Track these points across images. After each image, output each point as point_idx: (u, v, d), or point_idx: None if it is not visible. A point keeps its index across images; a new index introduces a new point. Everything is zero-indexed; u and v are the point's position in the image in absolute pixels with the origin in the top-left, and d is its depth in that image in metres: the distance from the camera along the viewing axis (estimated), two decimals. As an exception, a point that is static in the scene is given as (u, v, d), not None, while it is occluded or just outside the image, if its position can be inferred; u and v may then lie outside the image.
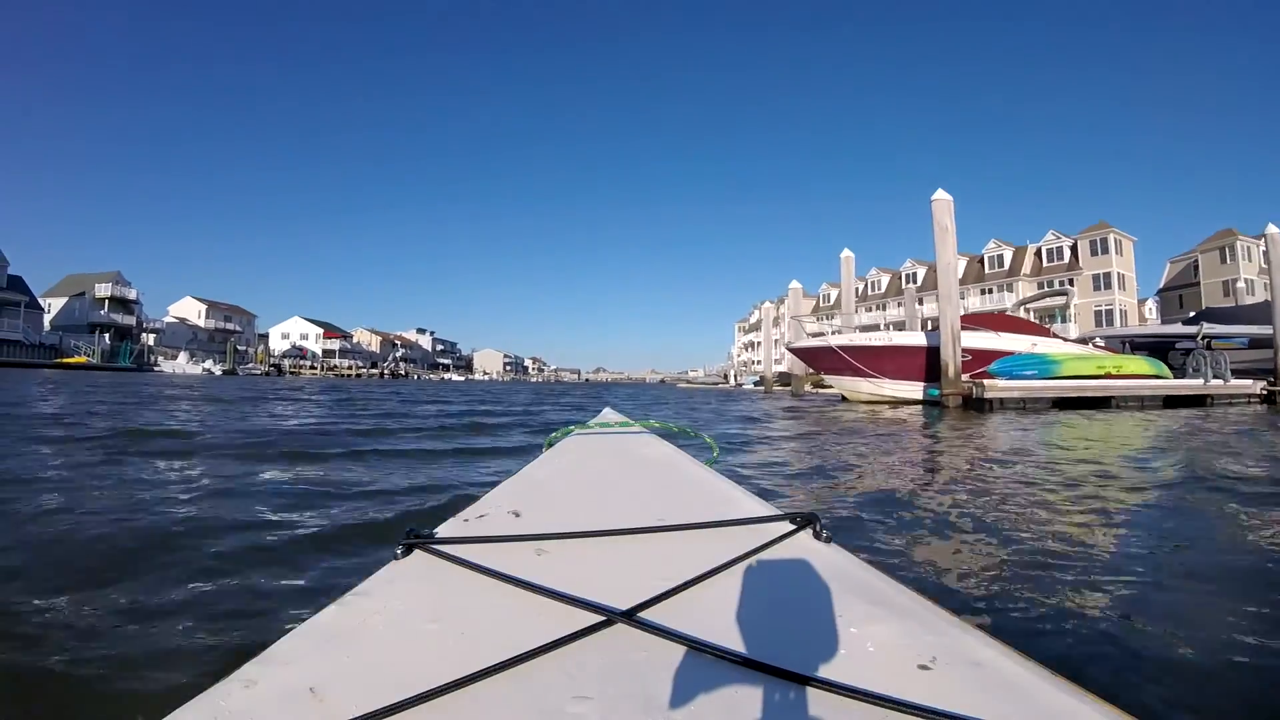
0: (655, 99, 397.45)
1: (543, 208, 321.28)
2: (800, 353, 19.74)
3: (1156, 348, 21.82)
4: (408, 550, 0.93)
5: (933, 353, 17.01)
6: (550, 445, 1.98)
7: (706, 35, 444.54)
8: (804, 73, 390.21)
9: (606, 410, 2.86)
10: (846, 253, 22.53)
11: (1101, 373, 17.06)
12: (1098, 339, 21.71)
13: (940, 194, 16.40)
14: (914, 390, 17.53)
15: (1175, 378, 18.36)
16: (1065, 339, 19.60)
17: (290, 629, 0.73)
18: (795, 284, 28.15)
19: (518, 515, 1.13)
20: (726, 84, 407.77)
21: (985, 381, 15.37)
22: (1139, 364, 18.23)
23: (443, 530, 1.03)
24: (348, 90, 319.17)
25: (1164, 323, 32.81)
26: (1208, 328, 22.09)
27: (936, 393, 15.77)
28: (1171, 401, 17.11)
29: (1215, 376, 18.21)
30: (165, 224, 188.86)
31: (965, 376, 15.82)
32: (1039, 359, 16.90)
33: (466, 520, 1.09)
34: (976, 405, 15.37)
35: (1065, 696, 0.60)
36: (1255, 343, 22.05)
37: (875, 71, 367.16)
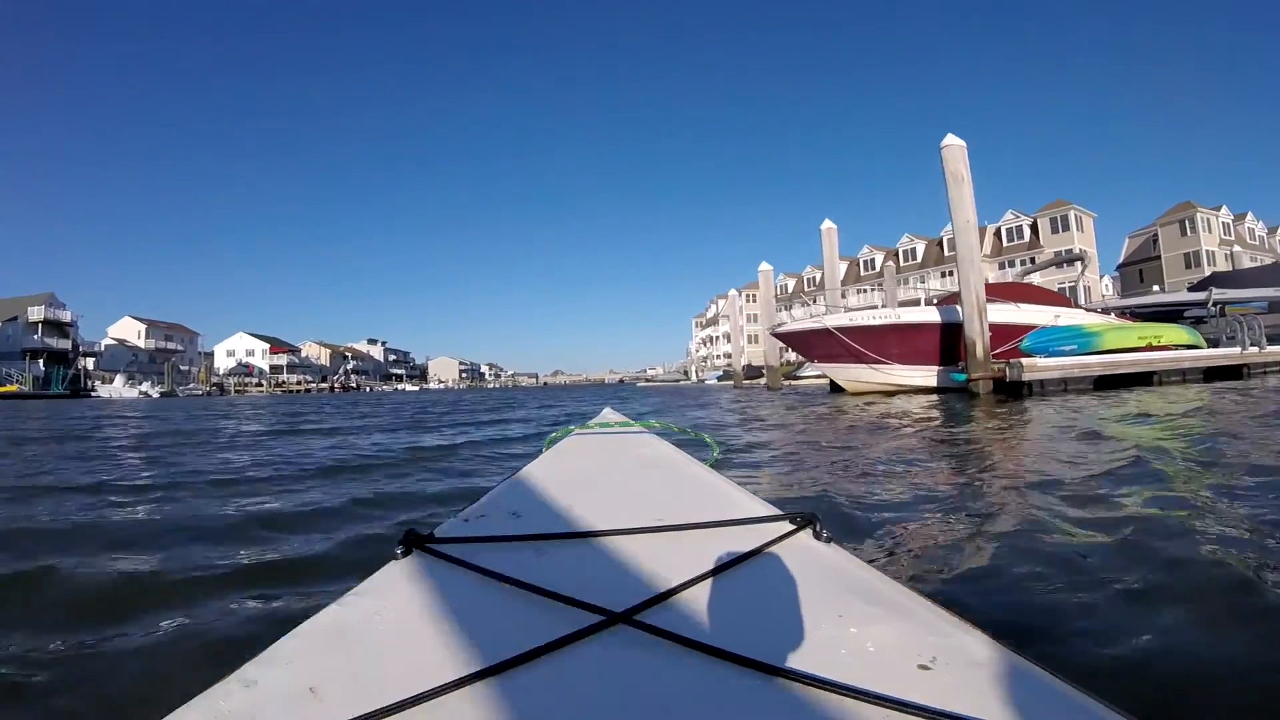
0: (598, 95, 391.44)
1: (494, 212, 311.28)
2: (787, 338, 16.30)
3: (1164, 317, 19.18)
4: (407, 550, 0.91)
5: (948, 330, 13.80)
6: (550, 445, 1.93)
7: (650, 37, 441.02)
8: (755, 57, 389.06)
9: (606, 410, 2.76)
10: (827, 224, 19.11)
11: (1143, 344, 14.18)
12: (1109, 310, 18.79)
13: (951, 139, 13.11)
14: (927, 376, 14.27)
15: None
16: (1088, 309, 16.53)
17: (290, 629, 0.71)
18: (765, 266, 24.75)
19: (517, 515, 1.12)
20: (678, 82, 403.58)
21: (1024, 360, 12.19)
22: (1178, 333, 15.41)
23: (442, 530, 1.01)
24: (286, 101, 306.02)
25: (1124, 298, 30.84)
26: (1218, 293, 19.83)
27: (963, 377, 12.46)
28: (1211, 374, 14.42)
29: (1251, 344, 15.49)
30: (104, 242, 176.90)
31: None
32: (1076, 331, 13.81)
33: (466, 520, 1.08)
34: (1011, 389, 12.20)
35: (1065, 696, 0.58)
36: (1275, 306, 19.68)
37: (823, 55, 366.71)
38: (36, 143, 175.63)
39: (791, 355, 25.11)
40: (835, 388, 18.16)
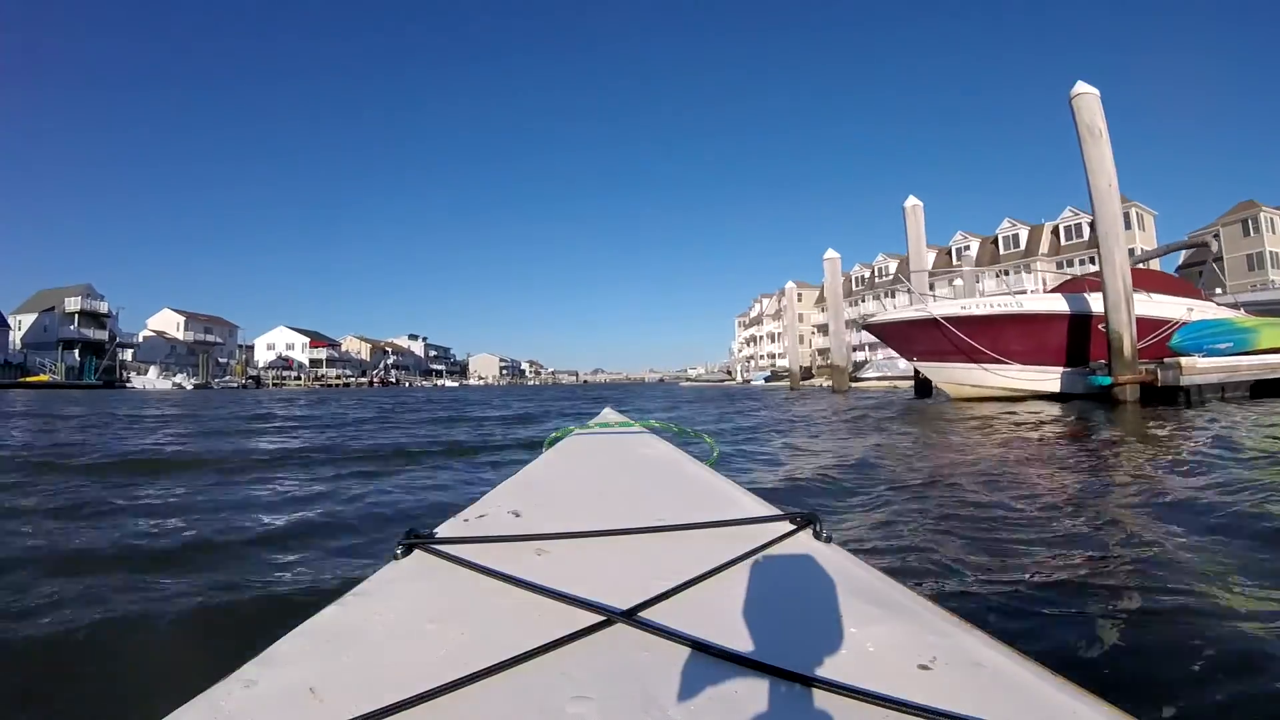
0: (648, 101, 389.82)
1: (537, 211, 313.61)
2: (883, 330, 13.87)
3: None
4: (407, 550, 0.90)
5: (1076, 323, 11.52)
6: (550, 445, 1.90)
7: (699, 37, 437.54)
8: (793, 67, 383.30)
9: (606, 410, 2.73)
10: (912, 200, 16.31)
11: (1307, 344, 11.70)
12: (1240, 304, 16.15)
13: (1082, 87, 10.78)
14: (1049, 379, 11.99)
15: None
16: (1219, 303, 14.01)
17: (290, 629, 0.71)
18: (831, 253, 22.06)
19: (518, 515, 1.09)
20: (718, 81, 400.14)
21: (1181, 361, 9.88)
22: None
23: (442, 530, 0.99)
24: (334, 98, 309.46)
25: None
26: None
27: (1105, 380, 10.16)
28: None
29: None
30: (148, 236, 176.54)
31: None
32: (1229, 326, 11.43)
33: (466, 520, 1.06)
34: (1162, 396, 9.91)
35: (1065, 697, 0.57)
36: None
37: (870, 61, 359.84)
38: (92, 139, 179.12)
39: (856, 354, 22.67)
40: (922, 391, 15.86)
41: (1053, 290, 13.15)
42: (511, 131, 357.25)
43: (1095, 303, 11.45)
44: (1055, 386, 11.85)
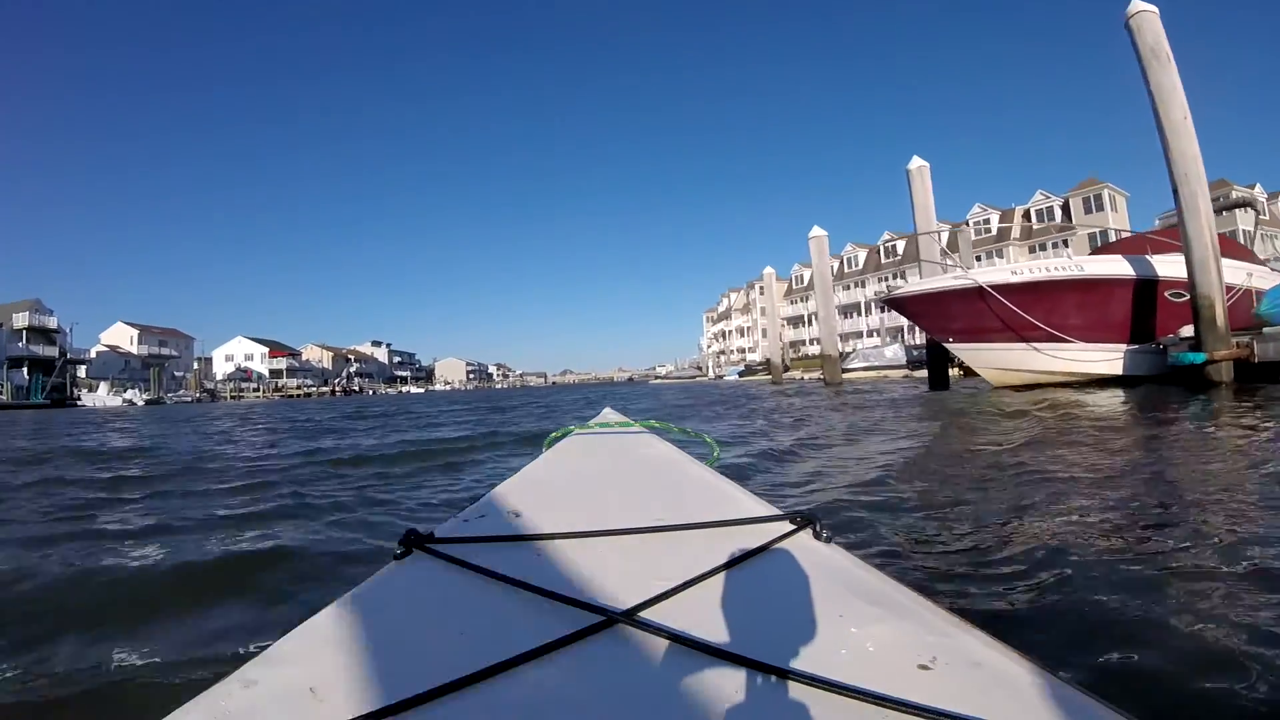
0: (609, 98, 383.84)
1: (499, 212, 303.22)
2: (912, 304, 11.37)
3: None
4: (407, 550, 0.89)
5: (1142, 291, 9.42)
6: (550, 445, 1.87)
7: (656, 32, 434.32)
8: (758, 52, 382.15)
9: (606, 410, 2.60)
10: (917, 161, 14.16)
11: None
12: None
13: (1139, 3, 8.72)
14: (1111, 359, 9.84)
15: None
16: (1273, 268, 12.07)
17: (290, 629, 0.70)
18: (818, 230, 19.60)
19: (518, 515, 1.08)
20: (676, 74, 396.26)
21: (1287, 330, 7.84)
22: None
23: (442, 530, 0.97)
24: (288, 100, 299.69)
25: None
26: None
27: (1196, 357, 8.05)
28: None
29: None
30: (100, 249, 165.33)
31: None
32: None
33: (466, 520, 1.04)
34: (1261, 373, 7.88)
35: (1065, 696, 0.56)
36: None
37: (832, 41, 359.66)
38: (32, 148, 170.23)
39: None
40: (938, 382, 13.70)
41: (1103, 251, 11.05)
42: (470, 129, 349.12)
43: (1161, 266, 9.39)
44: (1118, 368, 9.73)
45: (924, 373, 23.48)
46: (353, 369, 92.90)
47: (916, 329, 23.32)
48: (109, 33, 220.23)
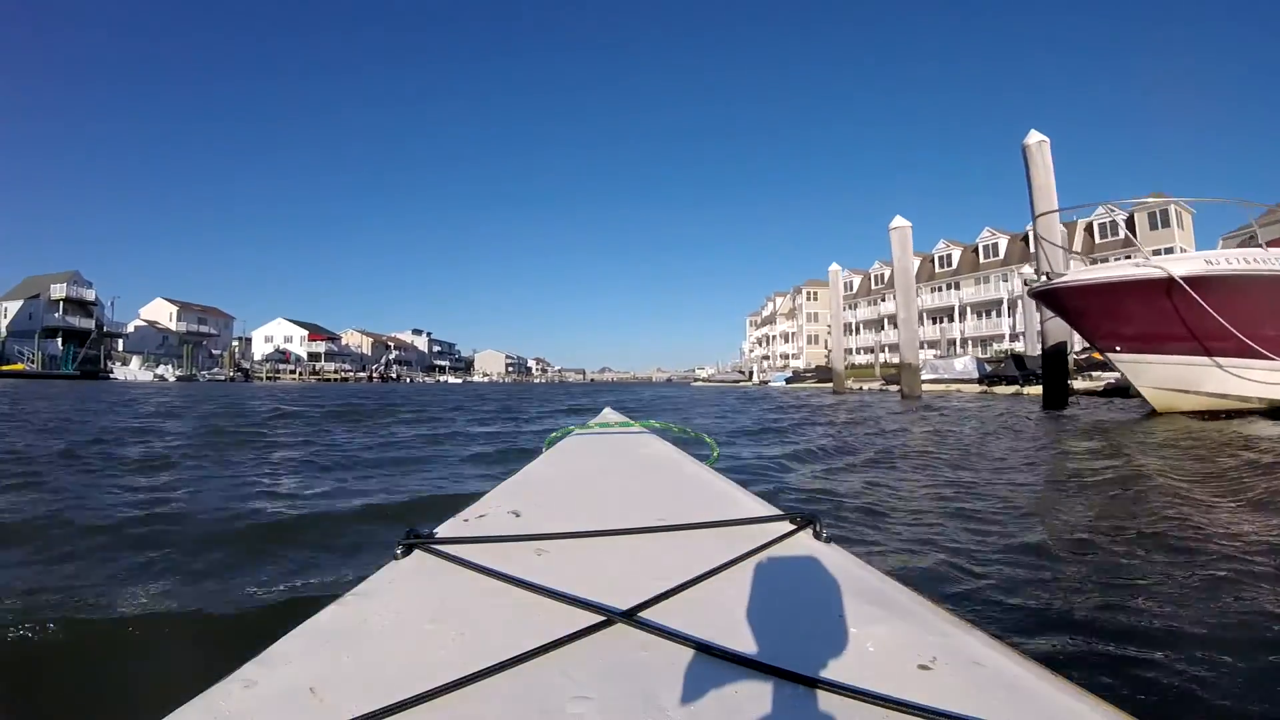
0: (657, 98, 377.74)
1: (547, 208, 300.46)
2: (1081, 298, 8.71)
3: None
4: (407, 550, 0.88)
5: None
6: (550, 445, 1.85)
7: (706, 34, 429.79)
8: (803, 65, 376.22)
9: (606, 410, 2.65)
10: (1034, 136, 11.52)
11: None
12: None
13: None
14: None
15: None
16: None
17: (290, 629, 0.69)
18: (900, 221, 17.67)
19: (518, 515, 1.06)
20: (726, 81, 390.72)
21: None
22: None
23: (442, 530, 0.96)
24: (342, 91, 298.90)
25: None
26: None
27: None
28: None
29: None
30: (149, 229, 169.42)
31: None
32: None
33: (466, 520, 1.03)
34: None
35: (1065, 697, 0.56)
36: None
37: (884, 54, 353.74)
38: (103, 130, 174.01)
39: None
40: (1054, 400, 11.53)
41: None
42: (524, 129, 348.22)
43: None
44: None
45: (1003, 388, 21.30)
46: (391, 356, 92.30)
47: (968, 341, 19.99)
48: (153, 20, 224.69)
